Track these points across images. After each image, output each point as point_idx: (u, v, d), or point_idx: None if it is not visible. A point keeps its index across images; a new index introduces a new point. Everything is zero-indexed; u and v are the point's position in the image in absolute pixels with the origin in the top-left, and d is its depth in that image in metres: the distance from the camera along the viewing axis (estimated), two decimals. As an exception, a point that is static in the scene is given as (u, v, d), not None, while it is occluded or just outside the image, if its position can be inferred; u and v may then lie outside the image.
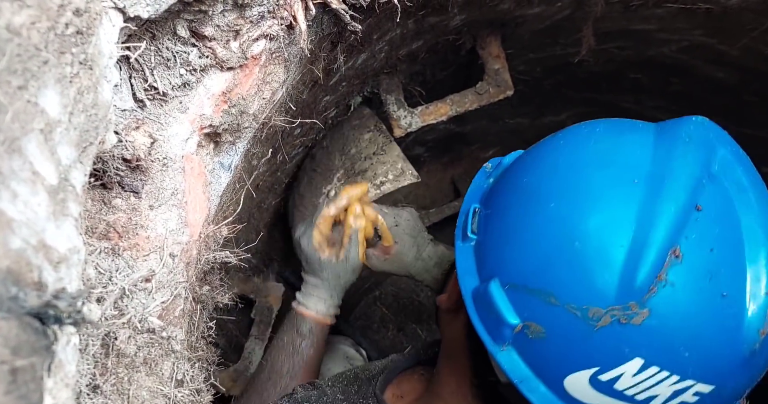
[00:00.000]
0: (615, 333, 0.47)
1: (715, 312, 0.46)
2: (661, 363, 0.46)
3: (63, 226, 0.34)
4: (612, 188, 0.51)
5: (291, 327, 0.92)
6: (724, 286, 0.46)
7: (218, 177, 0.65)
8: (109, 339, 0.45)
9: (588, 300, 0.48)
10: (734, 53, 1.27)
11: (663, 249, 0.46)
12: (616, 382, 0.48)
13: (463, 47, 1.25)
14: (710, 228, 0.48)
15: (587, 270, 0.48)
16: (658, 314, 0.46)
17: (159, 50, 0.48)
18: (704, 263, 0.47)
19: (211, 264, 0.63)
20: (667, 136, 0.56)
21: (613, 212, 0.50)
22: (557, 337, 0.50)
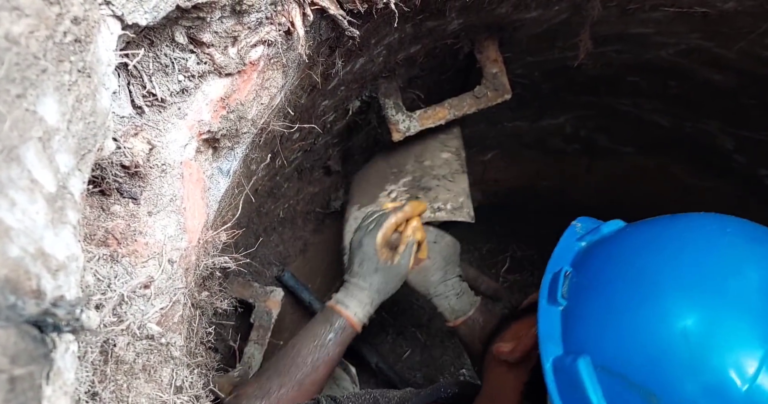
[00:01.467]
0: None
1: None
2: None
3: (61, 234, 0.34)
4: (745, 300, 0.47)
5: (324, 321, 0.95)
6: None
7: (217, 182, 0.65)
8: (108, 346, 0.45)
9: (697, 397, 0.44)
10: (731, 56, 1.28)
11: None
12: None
13: (461, 51, 1.25)
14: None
15: (707, 381, 0.44)
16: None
17: (157, 57, 0.48)
18: None
19: (210, 270, 0.63)
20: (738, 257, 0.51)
21: (745, 329, 0.46)
22: None
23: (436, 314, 1.09)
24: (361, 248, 1.01)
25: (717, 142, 1.68)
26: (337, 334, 0.93)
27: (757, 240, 0.55)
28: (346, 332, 0.94)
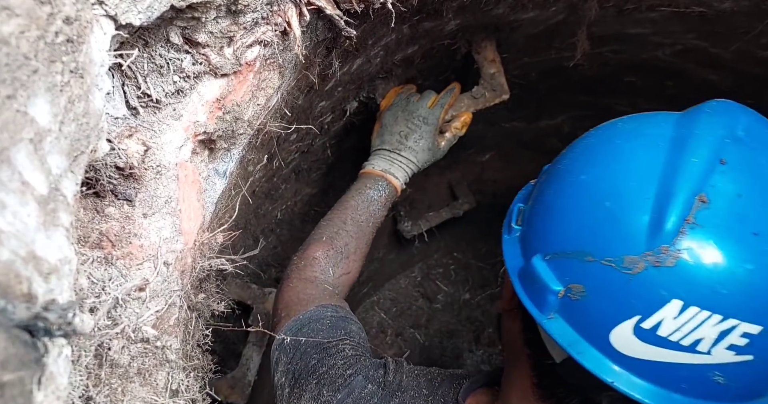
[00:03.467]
0: (650, 278, 0.49)
1: (748, 249, 0.47)
2: (699, 303, 0.47)
3: (53, 237, 0.34)
4: (638, 152, 0.55)
5: (378, 189, 1.10)
6: (756, 226, 0.47)
7: (213, 184, 0.65)
8: (102, 350, 0.44)
9: (621, 250, 0.50)
10: (727, 56, 1.28)
11: (689, 195, 0.49)
12: (659, 328, 0.49)
13: (459, 52, 1.25)
14: (736, 178, 0.50)
15: (618, 223, 0.51)
16: (690, 254, 0.48)
17: (152, 57, 0.48)
18: (732, 207, 0.49)
19: (207, 272, 0.63)
20: (691, 111, 0.58)
21: (640, 170, 0.53)
22: (597, 293, 0.53)
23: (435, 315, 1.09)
24: (427, 125, 1.17)
25: (714, 141, 1.68)
26: (388, 200, 1.10)
27: (650, 115, 0.61)
28: (393, 198, 1.12)
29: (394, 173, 1.12)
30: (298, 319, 0.83)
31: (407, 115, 1.18)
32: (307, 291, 0.92)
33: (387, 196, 1.10)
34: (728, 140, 0.52)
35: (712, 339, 0.48)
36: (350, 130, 1.44)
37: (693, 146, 0.52)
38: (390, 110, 1.20)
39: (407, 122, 1.17)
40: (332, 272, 0.98)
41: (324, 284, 0.96)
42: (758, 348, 0.47)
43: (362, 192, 1.09)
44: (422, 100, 1.19)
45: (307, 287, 0.93)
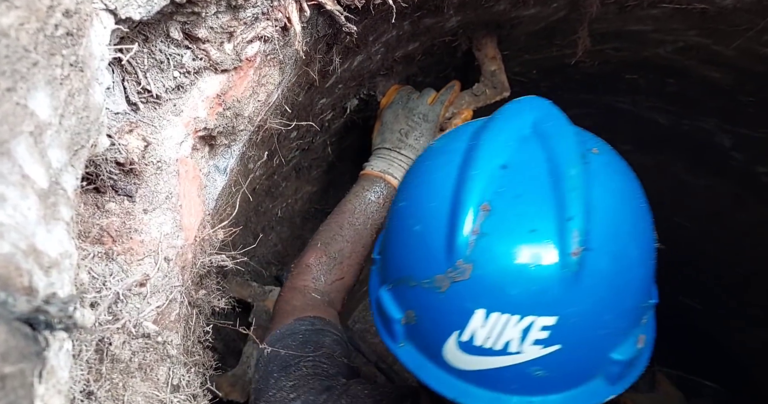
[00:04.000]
0: (455, 293, 0.52)
1: (528, 246, 0.50)
2: (498, 308, 0.50)
3: (54, 230, 0.34)
4: (437, 170, 0.59)
5: (376, 191, 1.09)
6: (532, 223, 0.50)
7: (213, 180, 0.65)
8: (103, 345, 0.44)
9: (431, 271, 0.54)
10: (729, 54, 1.28)
11: (475, 207, 0.52)
12: (474, 339, 0.52)
13: (459, 49, 1.25)
14: (515, 180, 0.53)
15: (426, 245, 0.55)
16: (480, 264, 0.51)
17: (152, 52, 0.48)
18: (511, 209, 0.52)
19: (208, 268, 0.63)
20: (489, 118, 0.62)
21: (437, 189, 0.56)
22: (424, 315, 0.56)
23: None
24: (427, 122, 1.16)
25: (715, 139, 1.68)
26: (387, 201, 1.09)
27: (462, 126, 0.66)
28: (392, 198, 1.12)
29: (392, 173, 1.12)
30: (275, 334, 0.86)
31: (407, 112, 1.17)
32: (293, 301, 0.95)
33: (386, 196, 1.10)
34: (512, 142, 0.55)
35: (518, 338, 0.50)
36: (351, 127, 1.44)
37: (477, 156, 0.55)
38: (390, 108, 1.20)
39: (407, 120, 1.17)
40: (324, 279, 1.00)
41: (312, 293, 0.98)
42: (561, 337, 0.50)
43: (359, 195, 1.10)
44: (422, 97, 1.19)
45: (294, 297, 0.96)
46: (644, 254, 0.53)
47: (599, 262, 0.49)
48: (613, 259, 0.50)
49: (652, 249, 0.55)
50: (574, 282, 0.49)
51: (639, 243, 0.53)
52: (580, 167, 0.52)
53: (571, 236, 0.49)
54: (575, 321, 0.50)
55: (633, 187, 0.56)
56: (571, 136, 0.55)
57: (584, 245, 0.49)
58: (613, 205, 0.52)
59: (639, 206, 0.55)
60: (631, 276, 0.52)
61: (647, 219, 0.55)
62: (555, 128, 0.56)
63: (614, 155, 0.58)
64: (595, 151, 0.55)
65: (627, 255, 0.52)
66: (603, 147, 0.58)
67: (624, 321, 0.53)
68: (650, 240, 0.55)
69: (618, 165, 0.57)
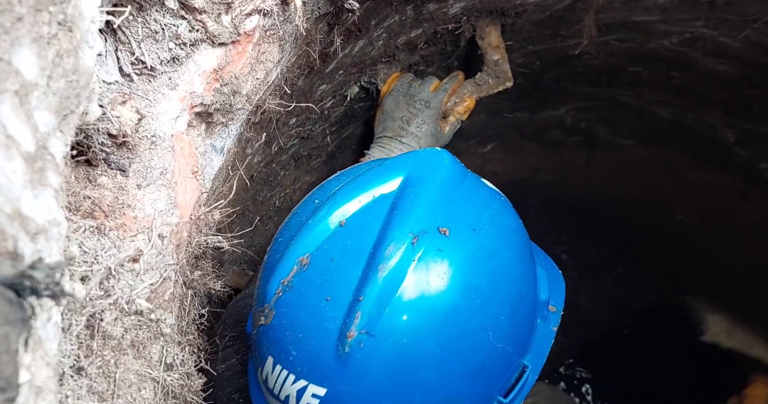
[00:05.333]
0: (260, 333, 0.53)
1: (317, 313, 0.49)
2: (281, 362, 0.52)
3: (41, 196, 0.33)
4: (301, 207, 0.59)
5: None
6: (331, 291, 0.50)
7: (210, 160, 0.64)
8: (94, 320, 0.43)
9: (257, 304, 0.55)
10: (736, 45, 1.26)
11: (294, 258, 0.52)
12: (268, 381, 0.53)
13: (463, 37, 1.23)
14: (342, 241, 0.52)
15: (261, 279, 0.56)
16: (279, 314, 0.51)
17: (146, 22, 0.46)
18: (322, 270, 0.51)
19: (203, 249, 0.61)
20: (377, 165, 0.59)
21: (289, 228, 0.57)
22: (252, 340, 0.58)
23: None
24: (429, 109, 1.14)
25: (718, 134, 1.66)
26: None
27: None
28: None
29: None
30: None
31: (408, 99, 1.16)
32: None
33: None
34: (368, 199, 0.54)
35: (294, 397, 0.51)
36: (351, 116, 1.42)
37: (324, 206, 0.54)
38: (391, 95, 1.18)
39: (409, 106, 1.15)
40: None
41: None
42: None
43: None
44: (424, 84, 1.18)
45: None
46: (453, 355, 0.49)
47: (379, 350, 0.47)
48: (399, 352, 0.47)
49: (472, 353, 0.49)
50: (346, 362, 0.48)
51: (443, 346, 0.48)
52: (400, 246, 0.48)
53: (353, 317, 0.47)
54: (345, 399, 0.49)
55: (466, 281, 0.49)
56: (418, 208, 0.50)
57: (365, 329, 0.47)
58: (422, 298, 0.48)
59: (463, 305, 0.49)
60: (424, 375, 0.48)
61: (473, 319, 0.49)
62: (413, 195, 0.52)
63: (470, 239, 0.51)
64: (443, 231, 0.50)
65: (422, 351, 0.48)
66: (464, 227, 0.51)
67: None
68: (471, 343, 0.49)
69: (463, 252, 0.50)
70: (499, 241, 0.53)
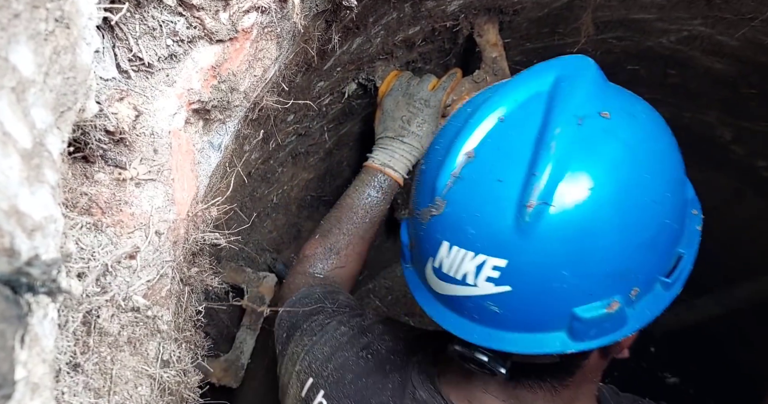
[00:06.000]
0: (431, 225, 0.57)
1: (491, 193, 0.53)
2: (458, 242, 0.54)
3: (38, 193, 0.33)
4: (454, 117, 0.62)
5: (376, 184, 1.09)
6: (503, 173, 0.53)
7: (207, 157, 0.64)
8: (90, 317, 0.43)
9: (421, 204, 0.59)
10: (733, 44, 1.26)
11: (461, 152, 0.55)
12: (442, 266, 0.57)
13: (461, 34, 1.23)
14: (506, 134, 0.55)
15: (423, 181, 0.60)
16: (451, 202, 0.55)
17: (144, 18, 0.46)
18: (490, 159, 0.55)
19: (200, 246, 0.61)
20: (521, 72, 0.62)
21: (446, 134, 0.60)
22: (416, 241, 0.62)
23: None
24: (428, 108, 1.15)
25: (715, 132, 1.67)
26: (388, 194, 1.10)
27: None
28: (394, 190, 1.11)
29: (393, 166, 1.11)
30: (290, 300, 0.90)
31: (408, 98, 1.16)
32: (297, 282, 0.99)
33: (386, 190, 1.10)
34: (522, 98, 0.56)
35: (473, 272, 0.54)
36: (348, 113, 1.42)
37: (483, 107, 0.57)
38: (390, 95, 1.18)
39: (408, 106, 1.15)
40: (322, 266, 1.04)
41: (314, 274, 1.02)
42: (511, 279, 0.52)
43: (359, 189, 1.10)
44: (422, 83, 1.18)
45: (297, 279, 1.01)
46: (629, 225, 0.52)
47: (557, 220, 0.50)
48: (577, 221, 0.50)
49: (646, 224, 0.53)
50: (526, 233, 0.51)
51: (622, 215, 0.51)
52: (568, 128, 0.52)
53: (532, 189, 0.50)
54: (526, 268, 0.52)
55: (635, 157, 0.53)
56: (578, 96, 0.54)
57: (543, 200, 0.50)
58: (595, 170, 0.51)
59: (635, 177, 0.53)
60: (601, 244, 0.51)
61: (647, 192, 0.53)
62: (569, 87, 0.55)
63: (631, 123, 0.55)
64: (605, 115, 0.53)
65: (601, 220, 0.51)
66: (622, 112, 0.55)
67: (587, 282, 0.52)
68: (645, 214, 0.53)
69: (628, 132, 0.54)
70: (656, 127, 0.57)
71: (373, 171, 1.11)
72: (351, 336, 0.78)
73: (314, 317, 0.83)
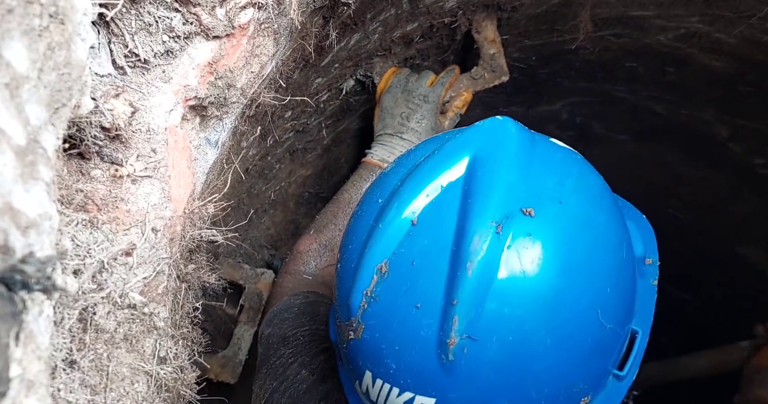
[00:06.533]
0: (351, 347, 0.51)
1: (409, 322, 0.47)
2: (381, 376, 0.49)
3: (33, 190, 0.32)
4: (364, 210, 0.54)
5: (369, 176, 1.07)
6: (419, 297, 0.46)
7: (204, 153, 0.63)
8: (87, 314, 0.43)
9: (341, 315, 0.53)
10: (731, 41, 1.26)
11: (372, 266, 0.49)
12: (370, 395, 0.52)
13: (459, 31, 1.23)
14: (419, 241, 0.48)
15: (339, 288, 0.53)
16: (368, 327, 0.49)
17: (140, 14, 0.46)
18: (404, 276, 0.48)
19: (197, 242, 0.61)
20: (436, 149, 0.54)
21: (357, 234, 0.53)
22: (340, 352, 0.56)
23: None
24: (427, 104, 1.14)
25: (712, 130, 1.67)
26: None
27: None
28: None
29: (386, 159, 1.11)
30: (272, 312, 0.88)
31: (407, 95, 1.15)
32: (285, 284, 0.98)
33: None
34: (435, 190, 0.49)
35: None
36: (346, 110, 1.42)
37: (390, 205, 0.50)
38: (389, 92, 1.18)
39: (407, 102, 1.15)
40: (314, 264, 1.02)
41: (303, 275, 1.00)
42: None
43: (356, 184, 1.09)
44: (420, 79, 1.17)
45: (285, 280, 1.00)
46: (564, 340, 0.46)
47: (485, 352, 0.45)
48: (507, 349, 0.45)
49: (585, 335, 0.47)
50: (452, 369, 0.46)
51: (556, 333, 0.45)
52: (485, 237, 0.44)
53: (451, 322, 0.44)
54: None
55: (566, 261, 0.46)
56: (496, 193, 0.46)
57: (466, 333, 0.44)
58: (521, 287, 0.45)
59: (567, 287, 0.46)
60: (538, 367, 0.46)
61: (582, 299, 0.46)
62: (486, 177, 0.47)
63: (559, 215, 0.47)
64: (528, 212, 0.45)
65: (531, 344, 0.45)
66: (548, 201, 0.47)
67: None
68: (583, 325, 0.47)
69: (555, 229, 0.46)
70: (589, 208, 0.49)
71: (371, 166, 1.10)
72: (310, 384, 0.73)
73: (282, 350, 0.79)
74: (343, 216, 1.06)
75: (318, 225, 1.06)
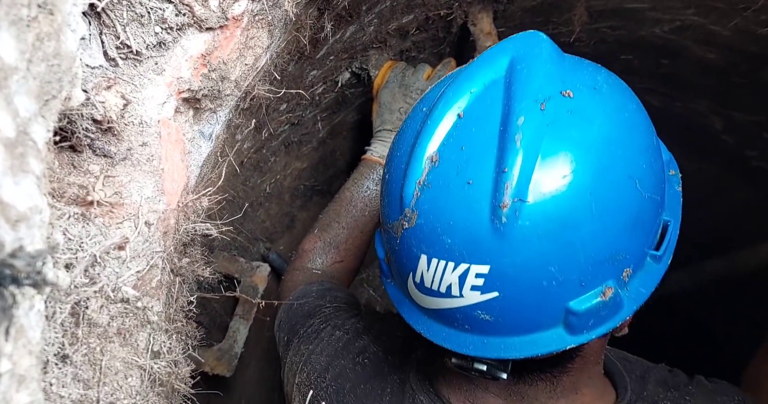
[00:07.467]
0: (406, 238, 0.54)
1: (462, 198, 0.50)
2: (436, 254, 0.52)
3: (22, 183, 0.32)
4: (410, 119, 0.59)
5: (370, 174, 1.08)
6: (470, 175, 0.50)
7: (198, 146, 0.63)
8: (79, 308, 0.43)
9: (391, 217, 0.56)
10: (725, 33, 1.26)
11: (424, 157, 0.53)
12: (424, 281, 0.54)
13: (455, 23, 1.22)
14: (467, 131, 0.52)
15: (389, 192, 0.57)
16: (422, 212, 0.52)
17: (131, 5, 0.45)
18: (454, 161, 0.51)
19: (191, 236, 0.61)
20: (471, 61, 0.58)
21: (405, 139, 0.57)
22: (392, 256, 0.59)
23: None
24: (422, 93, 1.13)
25: (706, 121, 1.67)
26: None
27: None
28: None
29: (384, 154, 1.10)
30: (289, 299, 0.90)
31: (404, 90, 1.15)
32: (296, 279, 0.99)
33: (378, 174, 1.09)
34: (477, 88, 0.53)
35: (457, 283, 0.52)
36: (342, 102, 1.41)
37: (437, 105, 0.54)
38: (386, 87, 1.17)
39: (405, 97, 1.14)
40: (321, 261, 1.03)
41: (312, 270, 1.01)
42: (497, 285, 0.50)
43: (358, 182, 1.09)
44: (417, 73, 1.17)
45: (296, 276, 1.00)
46: (611, 210, 0.50)
47: (535, 216, 0.48)
48: (556, 214, 0.48)
49: (628, 203, 0.51)
50: (505, 234, 0.48)
51: (602, 199, 0.49)
52: (531, 115, 0.49)
53: (503, 188, 0.48)
54: (510, 271, 0.49)
55: (606, 135, 0.50)
56: (537, 79, 0.51)
57: (518, 196, 0.48)
58: (567, 155, 0.48)
59: (609, 157, 0.50)
60: (585, 232, 0.49)
61: (623, 169, 0.50)
62: (526, 70, 0.52)
63: (595, 97, 0.52)
64: (567, 94, 0.50)
65: (579, 210, 0.48)
66: (584, 88, 0.52)
67: (577, 274, 0.50)
68: (625, 194, 0.50)
69: (594, 109, 0.51)
70: (621, 96, 0.54)
71: (372, 164, 1.10)
72: (346, 342, 0.77)
73: (310, 321, 0.82)
74: (346, 215, 1.06)
75: (321, 224, 1.07)
